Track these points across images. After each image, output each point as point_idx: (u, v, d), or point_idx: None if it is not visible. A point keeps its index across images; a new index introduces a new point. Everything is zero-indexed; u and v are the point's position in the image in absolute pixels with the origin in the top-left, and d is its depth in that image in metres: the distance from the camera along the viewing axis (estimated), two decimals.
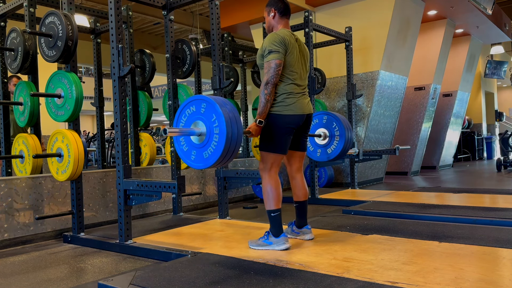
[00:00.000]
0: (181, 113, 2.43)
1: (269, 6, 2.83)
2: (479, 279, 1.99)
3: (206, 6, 8.68)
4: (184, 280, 2.10)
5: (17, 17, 3.99)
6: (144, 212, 4.21)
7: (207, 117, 2.29)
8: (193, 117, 2.36)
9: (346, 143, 3.25)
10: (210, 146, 2.27)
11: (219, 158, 2.24)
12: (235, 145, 2.29)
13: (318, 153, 3.34)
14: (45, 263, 2.77)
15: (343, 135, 3.24)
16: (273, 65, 2.60)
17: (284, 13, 2.81)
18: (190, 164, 2.39)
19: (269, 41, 2.65)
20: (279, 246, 2.61)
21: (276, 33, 2.70)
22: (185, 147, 2.40)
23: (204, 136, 2.30)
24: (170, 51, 3.87)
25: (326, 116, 3.33)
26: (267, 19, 2.86)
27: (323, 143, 3.33)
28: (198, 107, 2.35)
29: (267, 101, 2.60)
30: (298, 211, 2.89)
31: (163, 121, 21.62)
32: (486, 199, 4.54)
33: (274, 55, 2.60)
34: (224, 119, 2.22)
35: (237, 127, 2.28)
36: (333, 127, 3.28)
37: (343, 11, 6.56)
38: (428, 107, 8.12)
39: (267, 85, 2.60)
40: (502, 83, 15.02)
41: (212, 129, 2.27)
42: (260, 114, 2.62)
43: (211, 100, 2.29)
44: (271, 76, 2.60)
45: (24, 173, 3.61)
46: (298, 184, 2.91)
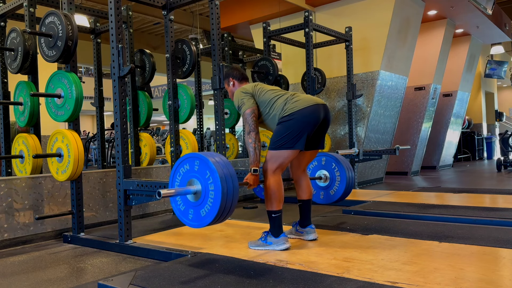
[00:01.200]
0: (176, 171, 2.40)
1: (227, 77, 2.99)
2: (479, 279, 1.99)
3: (206, 6, 8.68)
4: (184, 280, 2.10)
5: (17, 17, 3.99)
6: (144, 212, 4.21)
7: (201, 174, 2.26)
8: (188, 175, 2.33)
9: (348, 184, 3.24)
10: (206, 204, 2.23)
11: (216, 215, 2.19)
12: (232, 200, 2.24)
13: (321, 195, 3.33)
14: (45, 263, 2.77)
15: (344, 176, 3.22)
16: (246, 115, 2.70)
17: (241, 79, 2.96)
18: (189, 224, 2.34)
19: (235, 99, 2.81)
20: (278, 246, 2.61)
21: (237, 90, 2.84)
22: (182, 206, 2.36)
23: (200, 193, 2.26)
24: (170, 51, 3.87)
25: (325, 157, 3.31)
26: (229, 90, 3.00)
27: (324, 185, 3.32)
28: (191, 164, 2.31)
29: (254, 149, 2.63)
30: (301, 210, 2.90)
31: (163, 121, 21.62)
32: (486, 199, 4.54)
33: (243, 107, 2.73)
34: (218, 175, 2.18)
35: (232, 182, 2.24)
36: (333, 168, 3.26)
37: (343, 11, 6.56)
38: (428, 107, 8.12)
39: (249, 134, 2.65)
40: (502, 83, 15.02)
41: (207, 186, 2.23)
42: (253, 163, 2.63)
43: (203, 157, 2.26)
44: (249, 125, 2.68)
45: (24, 173, 3.61)
46: (303, 183, 2.91)
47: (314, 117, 2.65)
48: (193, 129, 10.05)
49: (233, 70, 2.99)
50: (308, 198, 2.90)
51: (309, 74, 5.04)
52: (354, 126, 5.93)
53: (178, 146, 3.96)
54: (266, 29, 5.39)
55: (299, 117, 2.62)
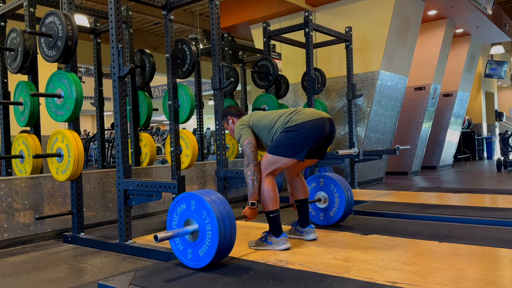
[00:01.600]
0: (173, 211, 2.40)
1: (225, 117, 2.97)
2: (479, 279, 1.99)
3: (206, 6, 8.68)
4: (184, 280, 2.11)
5: (17, 17, 3.99)
6: (144, 212, 4.21)
7: (198, 214, 2.27)
8: (185, 214, 2.34)
9: (347, 205, 3.23)
10: (204, 244, 2.24)
11: (215, 254, 2.20)
12: (230, 239, 2.25)
13: (321, 217, 3.33)
14: (45, 263, 2.77)
15: (343, 197, 3.21)
16: (244, 147, 2.68)
17: (239, 115, 2.94)
18: (188, 264, 2.33)
19: (235, 133, 2.79)
20: (279, 246, 2.61)
21: (236, 124, 2.83)
22: (181, 246, 2.37)
23: (198, 233, 2.27)
24: (170, 51, 3.86)
25: (323, 179, 3.30)
26: (229, 128, 2.98)
27: (323, 207, 3.31)
28: (188, 204, 2.32)
29: (253, 181, 2.60)
30: (299, 210, 2.90)
31: (163, 121, 21.62)
32: (486, 199, 4.54)
33: (241, 139, 2.71)
34: (214, 215, 2.19)
35: (229, 220, 2.25)
36: (332, 189, 3.26)
37: (343, 11, 6.56)
38: (428, 107, 8.12)
39: (248, 166, 2.62)
40: (502, 83, 15.02)
41: (204, 226, 2.24)
42: (251, 196, 2.61)
43: (199, 197, 2.26)
44: (248, 156, 2.65)
45: (24, 173, 3.61)
46: (297, 183, 2.91)
47: (319, 131, 2.63)
48: (193, 129, 10.05)
49: (230, 108, 2.98)
50: (305, 198, 2.90)
51: (309, 74, 5.04)
52: (354, 126, 5.93)
53: (178, 146, 3.96)
54: (266, 29, 5.39)
55: (304, 130, 2.59)
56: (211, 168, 4.94)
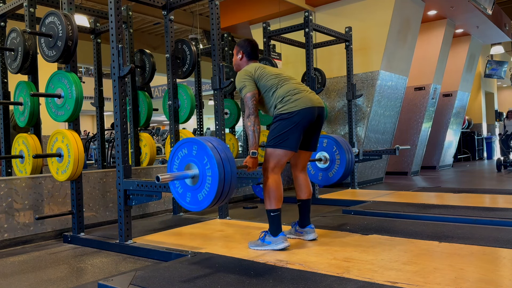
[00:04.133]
0: (174, 155, 2.41)
1: (239, 47, 2.93)
2: (479, 279, 1.99)
3: (206, 6, 8.68)
4: (184, 280, 2.11)
5: (17, 17, 3.99)
6: (144, 212, 4.21)
7: (199, 159, 2.28)
8: (186, 159, 2.34)
9: (347, 166, 3.25)
10: (204, 188, 2.25)
11: (213, 199, 2.21)
12: (230, 185, 2.26)
13: (320, 176, 3.34)
14: (45, 263, 2.77)
15: (344, 159, 3.23)
16: (247, 99, 2.70)
17: (251, 57, 2.91)
18: (186, 207, 2.36)
19: (237, 81, 2.78)
20: (277, 245, 2.61)
21: (240, 71, 2.81)
22: (180, 189, 2.38)
23: (198, 178, 2.28)
24: (170, 51, 3.87)
25: (326, 139, 3.32)
26: (234, 59, 2.96)
27: (324, 167, 3.32)
28: (189, 149, 2.33)
29: (253, 132, 2.64)
30: (301, 210, 2.90)
31: (163, 121, 21.62)
32: (486, 199, 4.54)
33: (244, 90, 2.72)
34: (215, 161, 2.20)
35: (230, 167, 2.25)
36: (334, 151, 3.27)
37: (343, 11, 6.56)
38: (428, 107, 8.12)
39: (249, 118, 2.66)
40: (502, 83, 15.02)
41: (205, 171, 2.25)
42: (252, 146, 2.64)
43: (201, 142, 2.27)
44: (249, 108, 2.68)
45: (24, 173, 3.61)
46: (302, 182, 2.91)
47: (308, 120, 2.68)
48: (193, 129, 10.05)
49: (248, 43, 2.91)
50: (307, 198, 2.90)
51: (309, 74, 5.04)
52: (354, 126, 5.93)
53: None
54: (266, 29, 5.39)
55: (293, 119, 2.64)
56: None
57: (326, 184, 3.31)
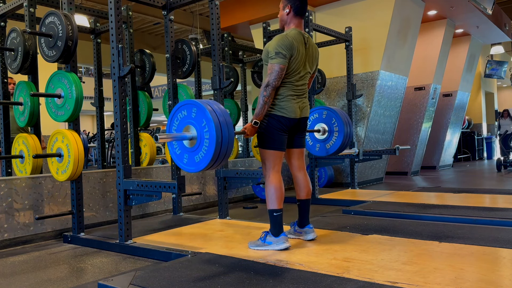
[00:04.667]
0: (173, 116, 2.45)
1: (287, 0, 2.76)
2: (479, 279, 1.99)
3: (206, 6, 8.68)
4: (184, 280, 2.10)
5: (17, 17, 3.99)
6: (144, 212, 4.21)
7: (198, 122, 2.31)
8: (185, 121, 2.38)
9: (345, 139, 3.27)
10: (201, 151, 2.30)
11: (210, 162, 2.26)
12: (226, 149, 2.30)
13: (317, 147, 3.36)
14: (45, 263, 2.77)
15: (342, 131, 3.25)
16: (276, 68, 2.59)
17: (299, 12, 2.76)
18: (183, 167, 2.42)
19: (277, 43, 2.63)
20: (278, 246, 2.61)
21: (286, 36, 2.67)
22: (178, 150, 2.43)
23: (195, 140, 2.33)
24: (170, 51, 3.87)
25: (326, 111, 3.34)
26: (281, 13, 2.80)
27: (322, 138, 3.34)
28: (189, 111, 2.36)
29: (265, 103, 2.61)
30: (300, 210, 2.89)
31: (163, 121, 21.62)
32: (486, 199, 4.54)
33: (279, 60, 2.60)
34: (213, 125, 2.23)
35: (228, 131, 2.29)
36: (333, 123, 3.30)
37: (343, 11, 6.56)
38: (428, 107, 8.12)
39: (267, 87, 2.60)
40: (502, 83, 15.02)
41: (203, 134, 2.29)
42: (257, 115, 2.63)
43: (201, 105, 2.30)
44: (273, 79, 2.59)
45: (24, 173, 3.61)
46: (301, 182, 2.90)
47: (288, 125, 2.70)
48: None
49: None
50: (307, 198, 2.90)
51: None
52: (354, 126, 5.93)
53: None
54: (266, 29, 5.38)
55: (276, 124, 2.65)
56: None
57: (323, 155, 3.32)
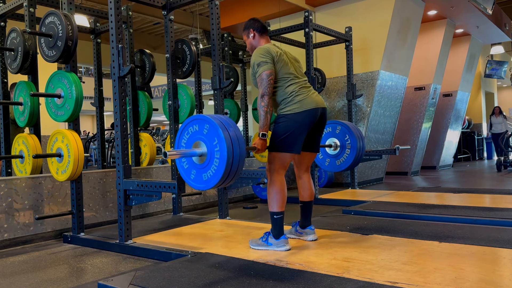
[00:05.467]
0: (184, 130, 2.38)
1: (247, 28, 2.90)
2: (479, 279, 1.99)
3: (206, 6, 8.68)
4: (184, 280, 2.10)
5: (17, 17, 3.99)
6: (144, 212, 4.21)
7: (209, 139, 2.25)
8: (195, 136, 2.32)
9: (357, 156, 3.19)
10: (210, 169, 2.23)
11: (219, 182, 2.19)
12: (237, 169, 2.23)
13: (327, 162, 3.29)
14: (45, 263, 2.77)
15: (355, 148, 3.17)
16: (264, 76, 2.63)
17: (262, 31, 2.88)
18: (189, 183, 2.34)
19: (255, 56, 2.70)
20: (279, 248, 2.61)
21: (259, 47, 2.75)
22: (186, 165, 2.36)
23: (205, 157, 2.26)
24: (170, 51, 3.87)
25: (340, 126, 3.25)
26: (248, 42, 2.91)
27: (333, 153, 3.28)
28: (201, 127, 2.30)
29: (266, 113, 2.60)
30: (302, 211, 2.89)
31: (163, 121, 21.63)
32: (486, 199, 4.54)
33: (263, 67, 2.64)
34: (225, 145, 2.16)
35: (239, 149, 2.22)
36: (345, 139, 3.22)
37: (343, 11, 6.56)
38: (428, 107, 8.12)
39: (263, 97, 2.61)
40: (502, 83, 15.02)
41: (213, 153, 2.22)
42: (262, 127, 2.62)
43: (214, 123, 2.23)
44: (264, 87, 2.62)
45: (24, 173, 3.61)
46: (305, 184, 2.90)
47: (310, 120, 2.67)
48: None
49: (254, 21, 2.89)
50: (310, 200, 2.89)
51: (309, 74, 5.03)
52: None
53: None
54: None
55: (296, 118, 2.62)
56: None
57: (332, 171, 3.28)
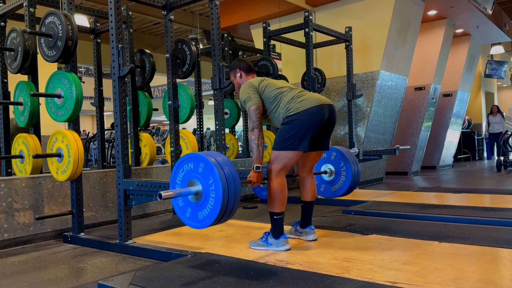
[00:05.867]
0: (179, 167, 2.37)
1: (233, 69, 2.95)
2: (479, 279, 1.99)
3: (206, 6, 8.68)
4: (184, 280, 2.11)
5: (17, 17, 3.99)
6: (144, 212, 4.21)
7: (204, 178, 2.24)
8: (190, 174, 2.30)
9: (350, 185, 3.18)
10: (205, 208, 2.22)
11: (214, 220, 2.18)
12: (232, 207, 2.23)
13: (322, 188, 3.29)
14: (45, 263, 2.77)
15: (349, 177, 3.15)
16: (251, 112, 2.67)
17: (248, 70, 2.93)
18: (185, 222, 2.32)
19: (241, 94, 2.76)
20: (278, 247, 2.61)
21: (243, 84, 2.80)
22: (181, 203, 2.35)
23: (201, 195, 2.25)
24: (170, 51, 3.87)
25: (335, 153, 3.24)
26: (235, 82, 2.96)
27: (329, 180, 3.27)
28: (196, 165, 2.29)
29: (257, 146, 2.61)
30: (303, 211, 2.89)
31: (163, 121, 21.62)
32: (486, 199, 4.54)
33: (249, 103, 2.69)
34: (221, 184, 2.16)
35: (234, 188, 2.21)
36: (341, 166, 3.20)
37: (343, 11, 6.56)
38: (428, 107, 8.12)
39: (253, 131, 2.63)
40: (502, 83, 15.02)
41: (209, 192, 2.21)
42: (256, 160, 2.61)
43: (209, 161, 2.22)
44: (253, 121, 2.65)
45: (24, 173, 3.61)
46: (308, 184, 2.90)
47: (318, 117, 2.63)
48: (193, 129, 10.05)
49: (240, 61, 2.96)
50: (311, 200, 2.89)
51: (309, 74, 5.04)
52: (354, 126, 5.93)
53: (178, 146, 3.96)
54: (266, 29, 5.39)
55: (303, 118, 2.59)
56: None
57: (328, 197, 3.27)
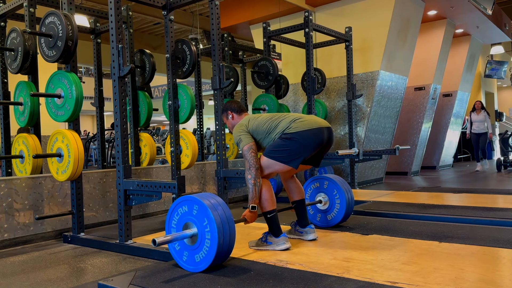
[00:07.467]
0: (173, 211, 2.38)
1: (225, 111, 2.98)
2: (479, 279, 1.99)
3: (206, 6, 8.68)
4: (184, 280, 2.11)
5: (17, 17, 3.99)
6: (144, 212, 4.21)
7: (199, 220, 2.25)
8: (185, 217, 2.32)
9: (346, 212, 3.20)
10: (201, 250, 2.23)
11: (211, 263, 2.20)
12: (227, 248, 2.24)
13: (318, 217, 3.32)
14: (45, 263, 2.77)
15: (344, 204, 3.18)
16: (244, 152, 2.67)
17: (239, 111, 2.95)
18: (182, 266, 2.32)
19: (234, 135, 2.78)
20: (279, 246, 2.61)
21: (235, 126, 2.82)
22: (177, 246, 2.35)
23: (196, 238, 2.26)
24: (170, 51, 3.86)
25: (327, 181, 3.27)
26: (228, 123, 2.98)
27: (323, 209, 3.29)
28: (190, 208, 2.30)
29: (254, 185, 2.59)
30: (297, 211, 2.90)
31: (163, 121, 21.63)
32: (486, 199, 4.54)
33: (241, 143, 2.70)
34: (215, 226, 2.17)
35: (229, 229, 2.23)
36: (334, 194, 3.23)
37: (343, 11, 6.56)
38: (428, 107, 8.12)
39: (249, 170, 2.61)
40: (502, 83, 15.02)
41: (204, 234, 2.22)
42: (251, 200, 2.60)
43: (203, 203, 2.24)
44: (248, 160, 2.63)
45: (24, 173, 3.61)
46: (293, 185, 2.92)
47: (316, 140, 2.64)
48: (193, 129, 10.05)
49: (231, 103, 2.97)
50: (300, 198, 2.90)
51: (309, 74, 5.04)
52: (354, 126, 5.93)
53: (178, 146, 3.96)
54: (266, 29, 5.39)
55: (300, 139, 2.59)
56: (211, 168, 4.94)
57: (325, 226, 3.29)
